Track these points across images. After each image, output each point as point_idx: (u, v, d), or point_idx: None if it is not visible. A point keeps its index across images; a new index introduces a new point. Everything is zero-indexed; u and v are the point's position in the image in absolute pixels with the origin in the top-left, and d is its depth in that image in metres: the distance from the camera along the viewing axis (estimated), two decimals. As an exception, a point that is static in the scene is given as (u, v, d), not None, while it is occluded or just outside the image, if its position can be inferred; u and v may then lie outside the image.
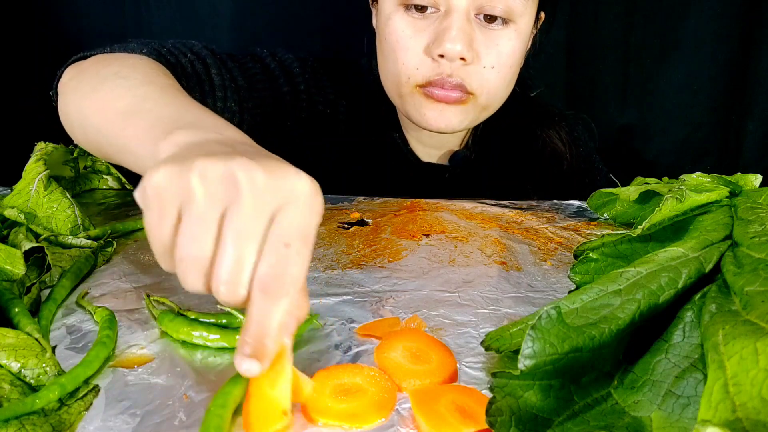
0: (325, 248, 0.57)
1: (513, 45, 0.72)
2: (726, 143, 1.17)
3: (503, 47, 0.71)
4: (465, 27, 0.68)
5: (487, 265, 0.54)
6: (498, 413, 0.31)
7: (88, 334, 0.42)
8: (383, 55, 0.74)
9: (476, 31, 0.69)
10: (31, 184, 0.57)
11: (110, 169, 0.75)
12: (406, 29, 0.70)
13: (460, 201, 0.71)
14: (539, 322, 0.32)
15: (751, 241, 0.40)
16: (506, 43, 0.71)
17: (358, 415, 0.34)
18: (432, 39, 0.69)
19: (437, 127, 0.74)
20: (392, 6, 0.71)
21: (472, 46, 0.69)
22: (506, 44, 0.71)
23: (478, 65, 0.70)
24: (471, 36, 0.69)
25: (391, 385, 0.36)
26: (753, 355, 0.28)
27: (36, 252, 0.50)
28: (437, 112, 0.73)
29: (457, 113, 0.73)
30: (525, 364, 0.31)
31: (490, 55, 0.71)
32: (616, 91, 1.17)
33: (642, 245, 0.50)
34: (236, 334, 0.40)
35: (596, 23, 1.14)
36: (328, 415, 0.34)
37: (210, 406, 0.33)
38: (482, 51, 0.70)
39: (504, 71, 0.72)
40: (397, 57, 0.71)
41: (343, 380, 0.36)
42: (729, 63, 1.12)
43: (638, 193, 0.59)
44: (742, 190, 0.55)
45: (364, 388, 0.36)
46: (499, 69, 0.72)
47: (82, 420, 0.33)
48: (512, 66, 0.73)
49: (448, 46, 0.67)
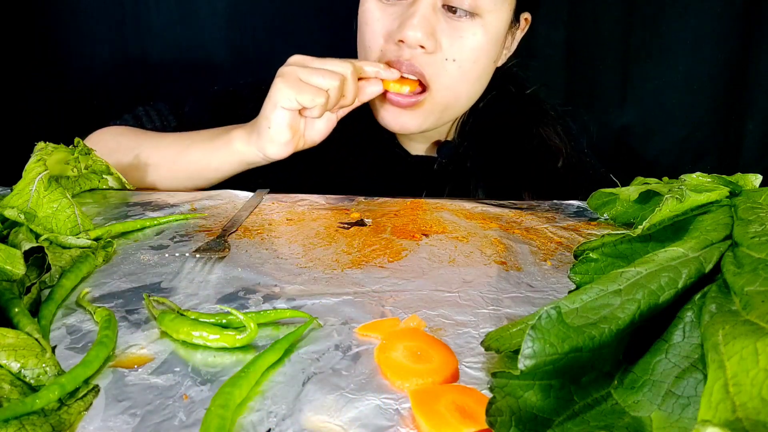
0: (325, 248, 0.57)
1: (478, 40, 0.72)
2: (726, 143, 1.17)
3: (467, 40, 0.71)
4: (428, 15, 0.69)
5: (487, 265, 0.54)
6: (498, 413, 0.31)
7: (88, 334, 0.42)
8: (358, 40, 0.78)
9: (442, 22, 0.70)
10: (31, 184, 0.57)
11: (110, 169, 0.75)
12: (375, 12, 0.73)
13: (460, 201, 0.71)
14: (539, 322, 0.32)
15: (751, 241, 0.40)
16: (471, 36, 0.71)
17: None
18: (395, 25, 0.71)
19: (393, 128, 0.78)
20: None
21: (433, 35, 0.70)
22: (470, 38, 0.71)
23: (439, 56, 0.71)
24: (433, 25, 0.70)
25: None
26: (753, 355, 0.28)
27: (36, 252, 0.50)
28: (392, 114, 0.76)
29: (414, 117, 0.76)
30: (525, 364, 0.31)
31: (453, 47, 0.71)
32: (616, 91, 1.17)
33: (642, 245, 0.50)
34: (237, 334, 0.40)
35: (596, 23, 1.14)
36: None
37: (210, 406, 0.33)
38: (445, 42, 0.71)
39: (466, 66, 0.73)
40: (364, 38, 0.75)
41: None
42: (729, 63, 1.12)
43: (638, 193, 0.59)
44: (742, 190, 0.55)
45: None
46: (461, 63, 0.72)
47: (82, 420, 0.33)
48: (476, 62, 0.73)
49: (408, 32, 0.69)
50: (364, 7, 0.75)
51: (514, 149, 0.86)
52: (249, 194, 0.72)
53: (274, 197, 0.72)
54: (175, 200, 0.69)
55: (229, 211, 0.67)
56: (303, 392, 0.36)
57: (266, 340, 0.41)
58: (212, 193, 0.73)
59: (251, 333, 0.40)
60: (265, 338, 0.42)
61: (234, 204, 0.69)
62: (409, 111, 0.75)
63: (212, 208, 0.68)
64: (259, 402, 0.35)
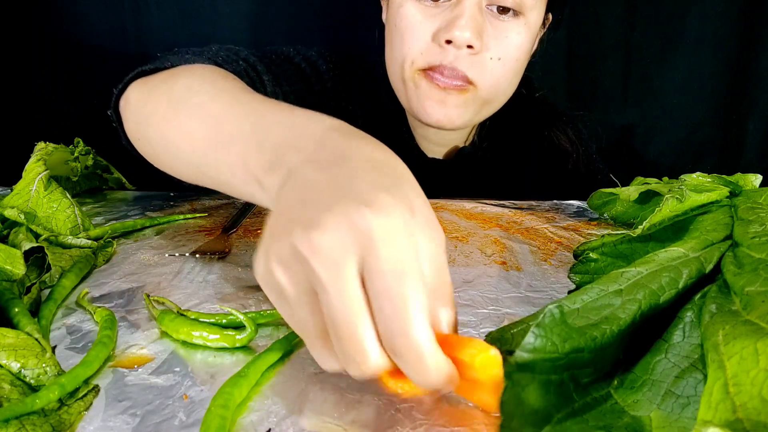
0: (325, 248, 0.57)
1: (522, 38, 0.72)
2: (726, 143, 1.17)
3: (512, 39, 0.71)
4: (476, 15, 0.68)
5: (487, 265, 0.54)
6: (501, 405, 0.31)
7: (88, 334, 0.42)
8: (391, 44, 0.75)
9: (486, 22, 0.70)
10: (31, 184, 0.57)
11: (110, 168, 0.75)
12: (417, 15, 0.71)
13: (460, 201, 0.71)
14: (543, 320, 0.32)
15: (752, 241, 0.40)
16: (515, 36, 0.71)
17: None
18: (442, 25, 0.69)
19: (436, 119, 0.73)
20: None
21: (481, 36, 0.69)
22: (515, 37, 0.71)
23: (484, 56, 0.71)
24: (481, 25, 0.69)
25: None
26: (753, 355, 0.28)
27: (36, 252, 0.50)
28: (436, 101, 0.72)
29: (458, 104, 0.72)
30: (521, 356, 0.31)
31: (499, 47, 0.71)
32: (617, 91, 1.17)
33: (642, 245, 0.50)
34: (237, 334, 0.40)
35: (597, 23, 1.14)
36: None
37: (210, 406, 0.33)
38: (491, 42, 0.70)
39: (510, 64, 0.72)
40: (404, 41, 0.72)
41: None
42: (729, 63, 1.12)
43: (638, 193, 0.59)
44: (743, 190, 0.55)
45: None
46: (506, 62, 0.72)
47: (82, 420, 0.33)
48: (518, 60, 0.73)
49: (457, 33, 0.67)
50: (403, 11, 0.71)
51: (526, 151, 0.86)
52: (249, 194, 0.72)
53: (274, 197, 0.72)
54: (175, 200, 0.69)
55: (229, 211, 0.67)
56: (303, 392, 0.36)
57: (266, 340, 0.41)
58: (212, 193, 0.73)
59: (251, 333, 0.40)
60: (265, 338, 0.42)
61: (234, 204, 0.69)
62: (454, 96, 0.72)
63: (212, 208, 0.67)
64: (259, 402, 0.35)
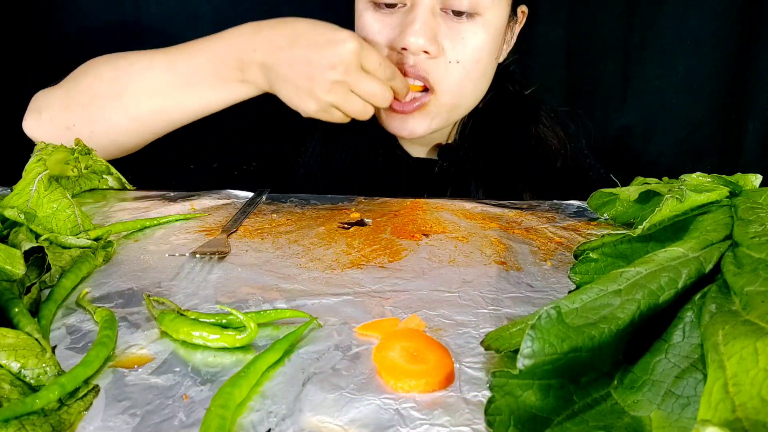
0: (325, 248, 0.57)
1: (480, 39, 0.72)
2: (726, 143, 1.17)
3: (469, 41, 0.71)
4: (429, 21, 0.68)
5: (487, 265, 0.54)
6: (497, 412, 0.31)
7: (88, 334, 0.42)
8: None
9: (442, 25, 0.70)
10: (31, 184, 0.57)
11: (110, 169, 0.75)
12: (374, 24, 0.72)
13: (460, 201, 0.71)
14: (539, 321, 0.32)
15: (751, 241, 0.40)
16: (472, 37, 0.71)
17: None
18: (397, 33, 0.70)
19: (401, 135, 0.76)
20: (363, 4, 0.73)
21: (435, 40, 0.69)
22: (473, 38, 0.71)
23: (442, 59, 0.71)
24: (435, 30, 0.69)
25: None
26: (753, 355, 0.28)
27: (36, 252, 0.50)
28: (399, 122, 0.75)
29: (420, 120, 0.74)
30: (524, 363, 0.31)
31: (456, 49, 0.71)
32: (616, 91, 1.17)
33: (642, 245, 0.50)
34: (237, 334, 0.40)
35: (596, 23, 1.14)
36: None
37: (210, 406, 0.33)
38: (447, 45, 0.71)
39: (470, 66, 0.72)
40: None
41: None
42: (729, 63, 1.12)
43: (638, 193, 0.59)
44: (742, 190, 0.55)
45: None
46: (465, 64, 0.72)
47: (82, 420, 0.33)
48: (480, 61, 0.73)
49: (410, 39, 0.68)
50: (362, 20, 0.74)
51: (512, 150, 0.86)
52: (249, 194, 0.72)
53: (274, 197, 0.72)
54: (175, 200, 0.69)
55: (229, 211, 0.67)
56: (303, 392, 0.36)
57: (266, 340, 0.41)
58: (212, 193, 0.73)
59: (251, 333, 0.40)
60: (265, 338, 0.42)
61: (234, 204, 0.69)
62: (415, 116, 0.74)
63: (212, 208, 0.68)
64: (259, 402, 0.35)
